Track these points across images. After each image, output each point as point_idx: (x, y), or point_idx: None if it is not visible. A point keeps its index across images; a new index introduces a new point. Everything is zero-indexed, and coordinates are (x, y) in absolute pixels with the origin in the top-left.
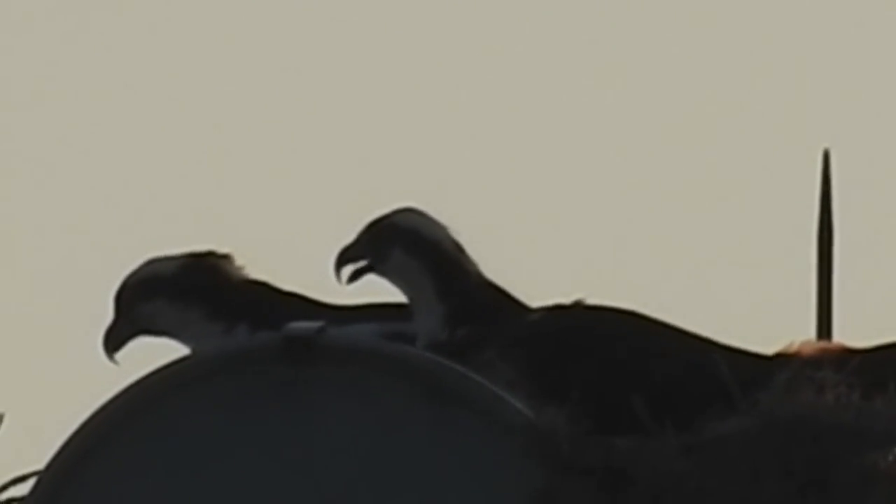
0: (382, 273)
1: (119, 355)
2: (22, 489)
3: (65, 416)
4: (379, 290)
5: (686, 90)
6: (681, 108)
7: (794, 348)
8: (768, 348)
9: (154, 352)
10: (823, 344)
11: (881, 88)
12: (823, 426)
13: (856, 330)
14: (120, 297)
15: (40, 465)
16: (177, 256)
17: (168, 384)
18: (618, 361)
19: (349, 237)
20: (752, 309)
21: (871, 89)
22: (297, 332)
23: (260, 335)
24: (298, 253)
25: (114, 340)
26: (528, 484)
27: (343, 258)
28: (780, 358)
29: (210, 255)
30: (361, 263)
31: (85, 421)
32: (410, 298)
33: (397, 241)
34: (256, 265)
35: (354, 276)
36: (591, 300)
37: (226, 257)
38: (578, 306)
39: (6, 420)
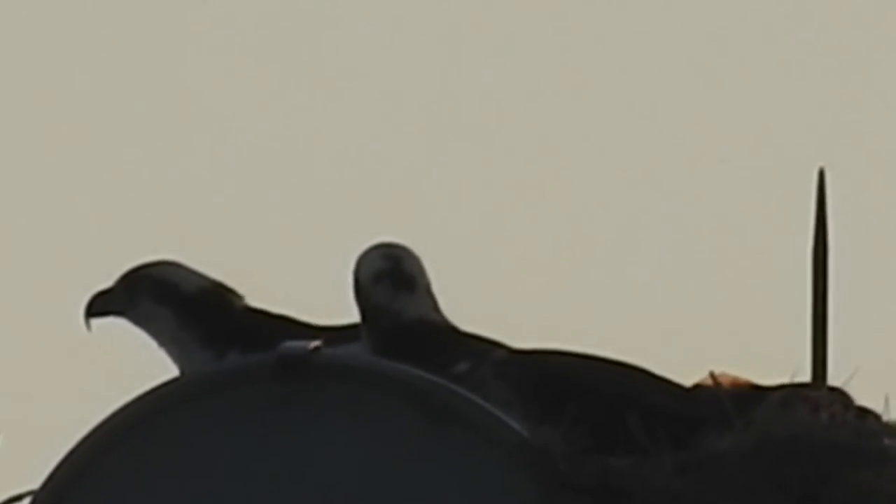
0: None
1: (115, 373)
2: None
3: (60, 434)
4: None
5: (679, 107)
6: (674, 125)
7: (710, 381)
8: (763, 367)
9: (149, 370)
10: (735, 378)
11: (877, 105)
12: (818, 444)
13: (851, 349)
14: (133, 280)
15: (35, 484)
16: (200, 275)
17: (163, 403)
18: (612, 382)
19: (343, 253)
20: (746, 328)
21: (867, 106)
22: (291, 351)
23: (254, 355)
24: (289, 269)
25: (99, 308)
26: (524, 502)
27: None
28: (699, 390)
29: (226, 289)
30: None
31: (80, 440)
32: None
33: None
34: (249, 282)
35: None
36: (583, 319)
37: (236, 294)
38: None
39: (1, 438)
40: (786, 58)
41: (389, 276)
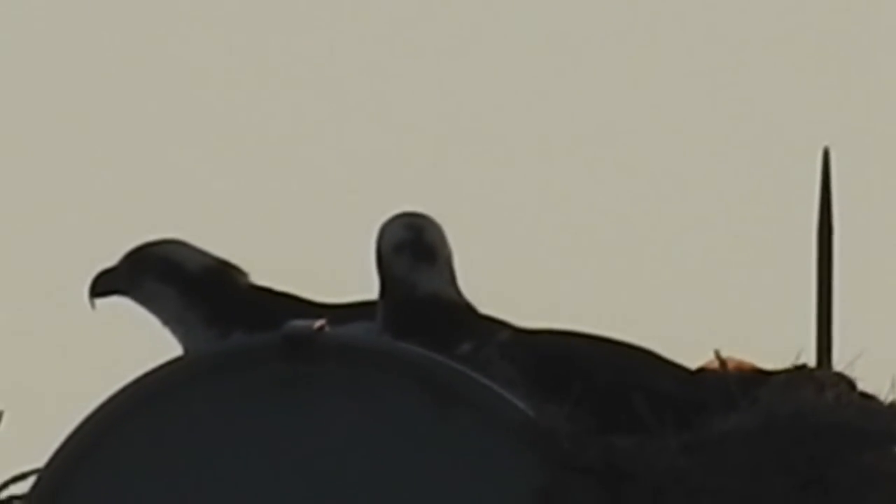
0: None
1: (118, 353)
2: (22, 487)
3: (64, 413)
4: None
5: (683, 93)
6: (678, 112)
7: (715, 364)
8: (767, 351)
9: (154, 350)
10: (739, 362)
11: (881, 86)
12: (823, 424)
13: (856, 329)
14: (136, 259)
15: (40, 462)
16: (204, 253)
17: (167, 382)
18: (617, 364)
19: (348, 235)
20: (751, 308)
21: (871, 87)
22: (296, 331)
23: (259, 334)
24: (296, 249)
25: (103, 287)
26: (529, 482)
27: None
28: (704, 373)
29: (231, 267)
30: None
31: (84, 418)
32: None
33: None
34: (255, 262)
35: None
36: (588, 302)
37: (241, 272)
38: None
39: (6, 417)
40: (789, 39)
41: (410, 246)
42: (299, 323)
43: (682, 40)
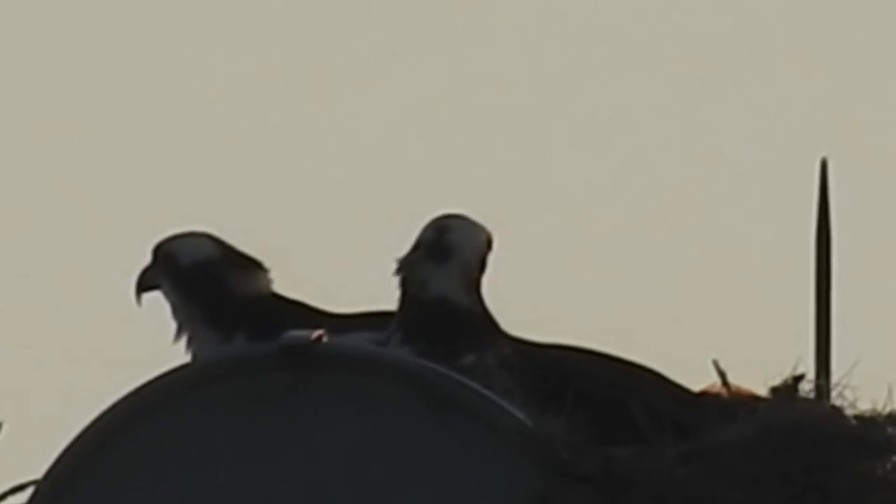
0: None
1: (117, 363)
2: (20, 498)
3: (63, 424)
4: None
5: (680, 100)
6: (675, 119)
7: (716, 389)
8: (765, 355)
9: (152, 359)
10: (737, 388)
11: (879, 95)
12: (822, 433)
13: (854, 338)
14: (157, 253)
15: (38, 473)
16: (222, 249)
17: (166, 391)
18: (614, 372)
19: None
20: (749, 317)
21: (870, 96)
22: (293, 340)
23: (258, 343)
24: (305, 256)
25: (141, 284)
26: (527, 491)
27: None
28: (705, 397)
29: (253, 262)
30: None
31: (83, 429)
32: None
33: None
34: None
35: None
36: (583, 315)
37: (262, 269)
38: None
39: (5, 428)
40: (788, 47)
41: (427, 246)
42: (297, 332)
43: (677, 48)
